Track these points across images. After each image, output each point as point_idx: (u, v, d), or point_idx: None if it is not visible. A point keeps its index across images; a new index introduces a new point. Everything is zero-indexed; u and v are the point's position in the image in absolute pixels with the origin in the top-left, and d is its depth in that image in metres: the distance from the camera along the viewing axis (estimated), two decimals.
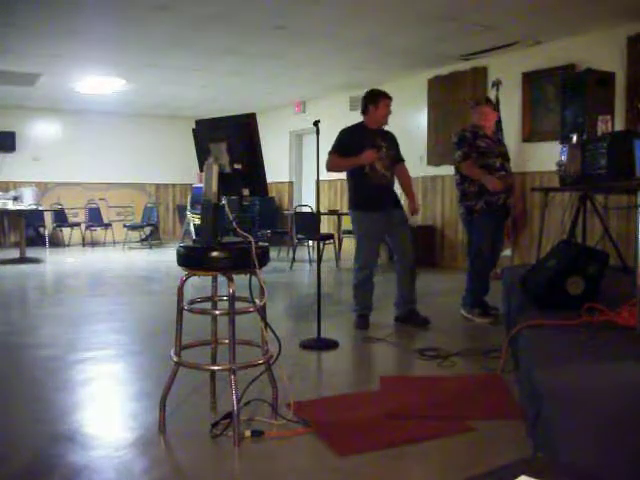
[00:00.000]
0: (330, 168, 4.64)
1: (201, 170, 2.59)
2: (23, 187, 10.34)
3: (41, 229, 11.25)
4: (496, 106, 5.11)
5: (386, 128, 4.65)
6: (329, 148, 4.52)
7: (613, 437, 1.84)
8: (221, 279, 2.60)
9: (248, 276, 2.56)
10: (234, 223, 2.54)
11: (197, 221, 10.24)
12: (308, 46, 7.06)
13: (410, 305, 4.62)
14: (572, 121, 4.66)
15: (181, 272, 2.58)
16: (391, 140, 4.63)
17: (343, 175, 10.94)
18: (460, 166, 4.66)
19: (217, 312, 2.69)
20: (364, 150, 4.36)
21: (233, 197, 2.70)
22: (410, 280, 4.60)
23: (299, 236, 8.31)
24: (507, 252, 7.08)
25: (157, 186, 13.03)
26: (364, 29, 6.36)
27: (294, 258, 8.50)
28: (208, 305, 2.81)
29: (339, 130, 4.63)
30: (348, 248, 9.74)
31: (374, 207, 4.49)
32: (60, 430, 2.63)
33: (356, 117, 10.59)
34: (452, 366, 3.57)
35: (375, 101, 4.51)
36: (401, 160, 4.71)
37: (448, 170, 7.99)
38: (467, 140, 4.65)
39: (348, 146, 4.46)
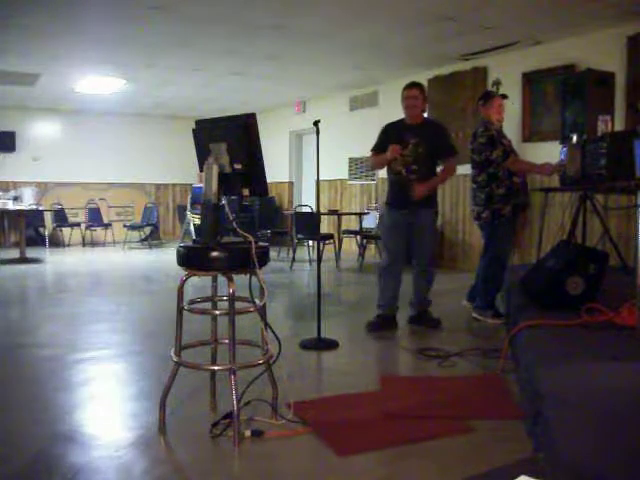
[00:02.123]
0: (370, 167, 4.78)
1: (201, 170, 2.59)
2: (23, 187, 10.34)
3: (41, 229, 11.25)
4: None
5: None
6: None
7: (613, 437, 1.84)
8: (221, 279, 2.60)
9: (248, 276, 2.56)
10: (234, 223, 2.54)
11: (197, 221, 10.25)
12: (308, 46, 7.06)
13: (422, 306, 4.61)
14: (572, 121, 4.66)
15: (181, 272, 2.58)
16: (428, 134, 4.43)
17: (343, 175, 10.91)
18: (504, 165, 4.57)
19: (217, 312, 2.69)
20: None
21: (233, 197, 2.70)
22: (423, 283, 4.57)
23: (299, 236, 8.31)
24: None
25: (157, 186, 13.03)
26: (364, 29, 6.35)
27: (294, 258, 8.50)
28: (208, 305, 2.81)
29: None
30: (348, 248, 9.74)
31: (395, 205, 4.50)
32: (60, 430, 2.63)
33: (356, 117, 10.58)
34: (452, 366, 3.57)
35: (402, 96, 4.52)
36: (445, 155, 4.49)
37: None
38: (497, 139, 4.60)
39: (382, 143, 4.48)
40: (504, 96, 5.07)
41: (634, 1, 5.31)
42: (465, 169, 5.28)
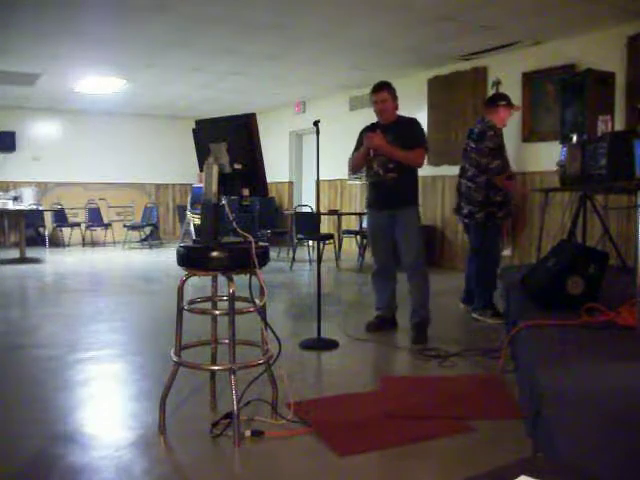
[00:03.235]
0: (350, 169, 4.71)
1: (201, 170, 2.59)
2: (23, 187, 10.34)
3: (41, 229, 11.25)
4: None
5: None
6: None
7: (613, 437, 1.84)
8: (221, 279, 2.60)
9: (248, 276, 2.56)
10: (234, 223, 2.54)
11: (197, 221, 10.25)
12: (308, 46, 7.06)
13: (418, 318, 4.32)
14: (572, 121, 4.66)
15: (181, 272, 2.58)
16: (402, 131, 4.31)
17: (343, 175, 10.88)
18: (495, 178, 4.64)
19: (217, 312, 2.69)
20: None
21: (233, 197, 2.70)
22: (416, 284, 4.35)
23: (299, 236, 8.32)
24: (507, 252, 7.08)
25: (157, 186, 13.03)
26: (364, 29, 6.36)
27: (294, 258, 8.50)
28: (208, 305, 2.81)
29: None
30: (348, 248, 9.74)
31: (373, 206, 4.48)
32: (60, 430, 2.63)
33: (356, 117, 10.55)
34: (452, 366, 3.57)
35: (370, 99, 4.52)
36: (413, 146, 4.26)
37: (448, 170, 8.00)
38: (501, 146, 4.70)
39: (360, 146, 4.46)
40: (513, 106, 5.08)
41: (634, 1, 5.31)
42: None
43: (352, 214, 9.38)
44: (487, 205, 4.67)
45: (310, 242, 9.00)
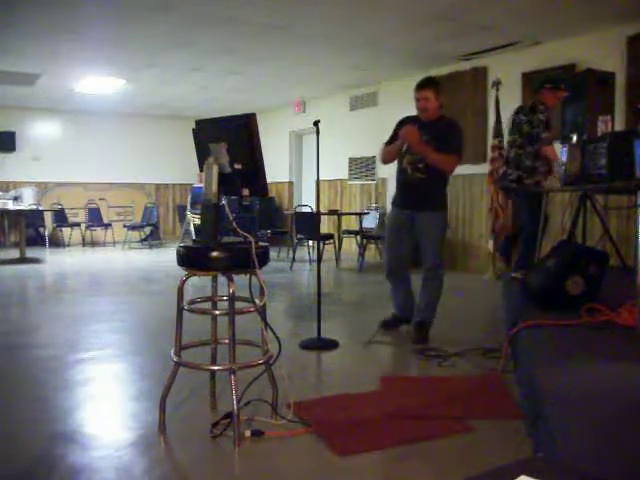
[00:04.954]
0: (381, 159, 4.53)
1: (201, 170, 2.59)
2: (23, 187, 10.34)
3: (41, 229, 11.25)
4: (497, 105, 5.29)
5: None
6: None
7: (613, 437, 1.84)
8: (221, 279, 2.60)
9: (248, 276, 2.56)
10: (234, 223, 2.54)
11: (197, 221, 10.25)
12: (308, 46, 7.06)
13: (419, 316, 4.31)
14: (572, 121, 4.66)
15: (181, 272, 2.58)
16: (439, 132, 4.16)
17: (343, 175, 10.87)
18: (544, 147, 4.98)
19: (217, 312, 2.69)
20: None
21: (233, 197, 2.70)
22: (426, 287, 4.33)
23: (299, 236, 8.32)
24: None
25: (157, 186, 13.03)
26: (364, 29, 6.36)
27: (294, 258, 8.50)
28: (208, 305, 2.81)
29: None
30: (348, 248, 9.74)
31: (397, 204, 4.39)
32: (60, 430, 2.63)
33: (356, 117, 10.54)
34: (452, 366, 3.57)
35: (414, 95, 4.31)
36: (445, 151, 4.10)
37: None
38: (550, 121, 5.00)
39: (395, 136, 4.30)
40: (559, 90, 5.21)
41: (634, 1, 5.31)
42: (464, 169, 5.28)
43: (352, 214, 9.38)
44: (534, 173, 4.98)
45: (310, 242, 9.00)
